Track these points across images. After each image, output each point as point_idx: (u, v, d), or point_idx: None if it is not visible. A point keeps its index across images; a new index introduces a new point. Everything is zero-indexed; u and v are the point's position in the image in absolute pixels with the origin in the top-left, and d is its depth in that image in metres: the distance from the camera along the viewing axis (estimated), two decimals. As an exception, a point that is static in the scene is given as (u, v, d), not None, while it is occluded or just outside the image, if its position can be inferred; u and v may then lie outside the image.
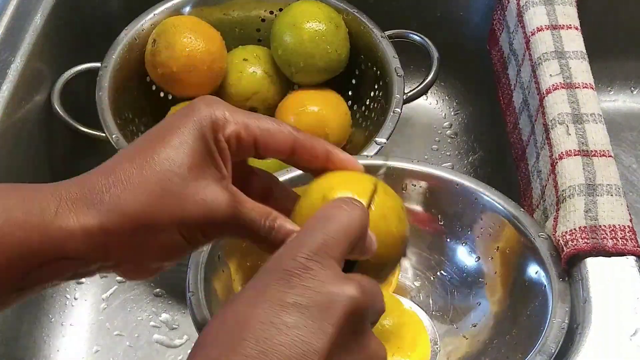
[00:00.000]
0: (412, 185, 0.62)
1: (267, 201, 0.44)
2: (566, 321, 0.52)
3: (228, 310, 0.37)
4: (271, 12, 0.82)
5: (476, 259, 0.62)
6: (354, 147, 0.78)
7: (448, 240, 0.63)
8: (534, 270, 0.57)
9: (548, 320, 0.53)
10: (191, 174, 0.40)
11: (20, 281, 0.39)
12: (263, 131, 0.43)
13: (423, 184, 0.62)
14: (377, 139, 0.69)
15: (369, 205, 0.43)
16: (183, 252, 0.42)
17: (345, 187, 0.44)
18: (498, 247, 0.61)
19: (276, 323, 0.35)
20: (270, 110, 0.79)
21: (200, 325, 0.52)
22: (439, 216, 0.63)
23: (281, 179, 0.59)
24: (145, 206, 0.39)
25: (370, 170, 0.47)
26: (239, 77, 0.78)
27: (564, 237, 0.55)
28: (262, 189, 0.47)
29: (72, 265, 0.39)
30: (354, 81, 0.81)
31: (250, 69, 0.78)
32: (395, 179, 0.62)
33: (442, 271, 0.61)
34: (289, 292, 0.36)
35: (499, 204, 0.60)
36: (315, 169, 0.46)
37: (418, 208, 0.63)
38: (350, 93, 0.82)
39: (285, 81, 0.80)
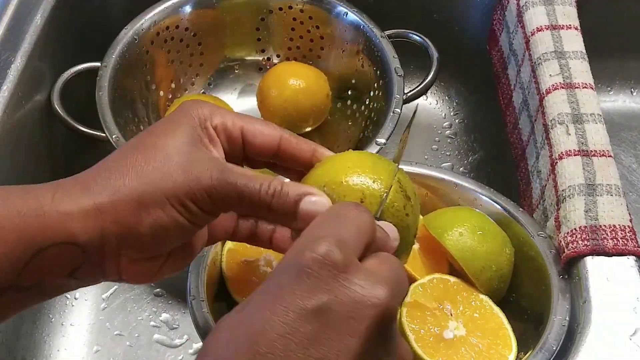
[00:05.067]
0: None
1: None
2: (567, 318, 0.53)
3: (239, 317, 0.34)
4: (270, 12, 0.82)
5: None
6: (353, 147, 0.78)
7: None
8: (534, 269, 0.57)
9: (549, 318, 0.53)
10: (178, 153, 0.41)
11: (20, 273, 0.38)
12: (249, 124, 0.45)
13: (422, 185, 0.62)
14: (377, 139, 0.69)
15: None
16: (181, 231, 0.41)
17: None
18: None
19: (295, 335, 0.32)
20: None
21: (201, 329, 0.52)
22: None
23: None
24: (134, 183, 0.40)
25: None
26: None
27: (565, 239, 0.55)
28: None
29: (71, 253, 0.39)
30: (353, 81, 0.81)
31: None
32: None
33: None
34: (307, 296, 0.33)
35: (497, 203, 0.60)
36: (301, 168, 0.46)
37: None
38: (350, 92, 0.82)
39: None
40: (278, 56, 0.85)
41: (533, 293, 0.57)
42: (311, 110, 0.78)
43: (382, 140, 0.69)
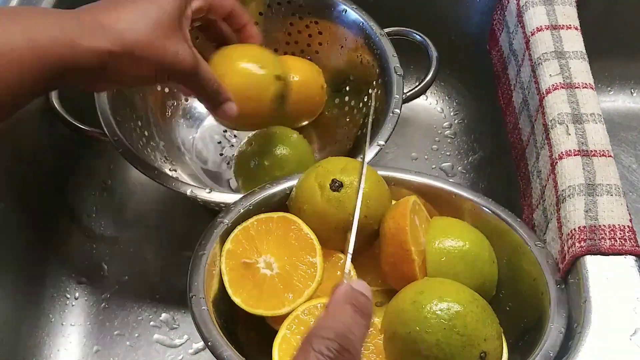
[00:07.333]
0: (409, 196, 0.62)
1: None
2: (564, 327, 0.53)
3: None
4: (269, 6, 0.82)
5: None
6: (351, 145, 0.78)
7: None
8: (531, 278, 0.57)
9: (546, 326, 0.53)
10: (172, 30, 0.56)
11: (46, 84, 0.51)
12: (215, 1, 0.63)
13: (421, 194, 0.62)
14: (377, 140, 0.69)
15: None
16: (147, 84, 0.66)
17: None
18: (496, 256, 0.61)
19: None
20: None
21: (200, 327, 0.52)
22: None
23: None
24: (141, 44, 0.54)
25: None
26: None
27: (567, 241, 0.55)
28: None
29: (82, 78, 0.53)
30: (351, 78, 0.81)
31: None
32: (393, 190, 0.62)
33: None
34: None
35: (495, 213, 0.60)
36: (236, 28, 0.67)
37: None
38: (347, 89, 0.81)
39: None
40: (276, 51, 0.85)
41: (530, 302, 0.57)
42: (307, 103, 0.78)
43: (382, 142, 0.69)
